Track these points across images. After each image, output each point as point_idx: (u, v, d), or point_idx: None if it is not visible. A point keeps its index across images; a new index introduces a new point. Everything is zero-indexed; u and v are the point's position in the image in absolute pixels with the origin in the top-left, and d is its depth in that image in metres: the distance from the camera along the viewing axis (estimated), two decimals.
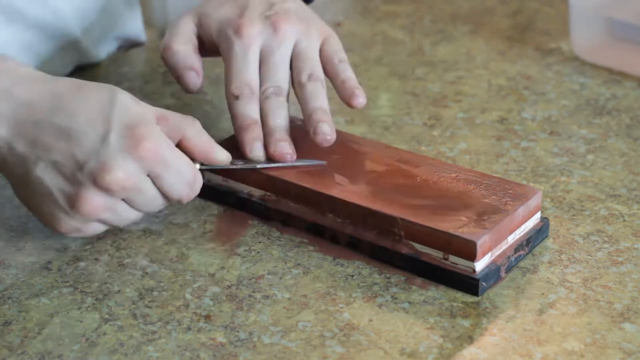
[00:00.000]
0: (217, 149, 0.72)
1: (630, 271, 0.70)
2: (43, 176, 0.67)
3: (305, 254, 0.72)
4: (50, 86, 0.68)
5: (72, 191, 0.66)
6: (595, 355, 0.63)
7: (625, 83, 0.96)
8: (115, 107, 0.67)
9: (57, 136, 0.66)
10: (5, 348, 0.64)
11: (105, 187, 0.66)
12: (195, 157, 0.71)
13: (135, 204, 0.69)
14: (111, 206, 0.67)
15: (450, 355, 0.63)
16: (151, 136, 0.67)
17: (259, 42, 0.76)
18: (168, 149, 0.68)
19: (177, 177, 0.68)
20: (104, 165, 0.66)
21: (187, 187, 0.69)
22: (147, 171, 0.67)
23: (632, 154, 0.84)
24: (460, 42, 1.06)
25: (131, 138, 0.66)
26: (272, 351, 0.63)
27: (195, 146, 0.70)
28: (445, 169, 0.74)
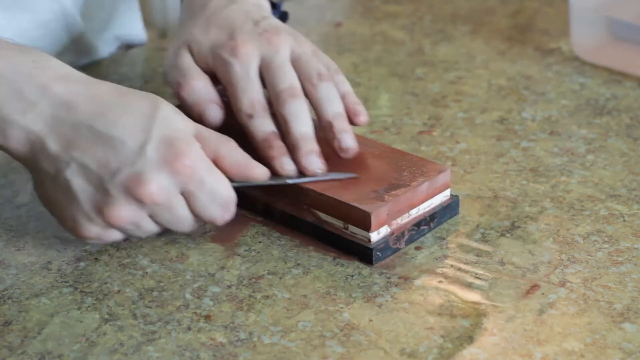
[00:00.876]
0: (254, 165, 0.70)
1: (630, 271, 0.70)
2: (72, 179, 0.66)
3: (305, 254, 0.72)
4: (92, 89, 0.67)
5: (101, 198, 0.66)
6: (595, 355, 0.63)
7: (625, 83, 0.96)
8: (157, 118, 0.66)
9: (94, 141, 0.66)
10: (5, 348, 0.64)
11: (136, 199, 0.65)
12: (232, 174, 0.69)
13: (162, 220, 0.68)
14: (137, 219, 0.67)
15: (450, 355, 0.63)
16: (189, 153, 0.66)
17: (257, 58, 0.75)
18: (205, 167, 0.67)
19: (211, 197, 0.67)
20: (138, 176, 0.65)
21: (221, 209, 0.68)
22: (181, 188, 0.66)
23: (632, 154, 0.84)
24: (460, 42, 1.06)
25: (169, 152, 0.65)
26: (272, 351, 0.63)
27: (231, 164, 0.69)
28: (368, 146, 0.76)
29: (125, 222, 0.67)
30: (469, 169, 0.82)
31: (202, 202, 0.67)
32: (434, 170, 0.74)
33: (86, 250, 0.73)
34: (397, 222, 0.72)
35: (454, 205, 0.76)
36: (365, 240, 0.71)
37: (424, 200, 0.73)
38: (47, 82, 0.67)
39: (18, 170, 0.81)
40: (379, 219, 0.70)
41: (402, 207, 0.72)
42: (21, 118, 0.66)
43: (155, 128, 0.66)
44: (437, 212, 0.74)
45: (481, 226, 0.75)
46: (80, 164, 0.66)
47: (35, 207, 0.77)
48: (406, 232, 0.72)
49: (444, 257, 0.72)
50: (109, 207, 0.66)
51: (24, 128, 0.66)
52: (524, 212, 0.77)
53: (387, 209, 0.71)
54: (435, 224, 0.74)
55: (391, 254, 0.71)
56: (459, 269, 0.70)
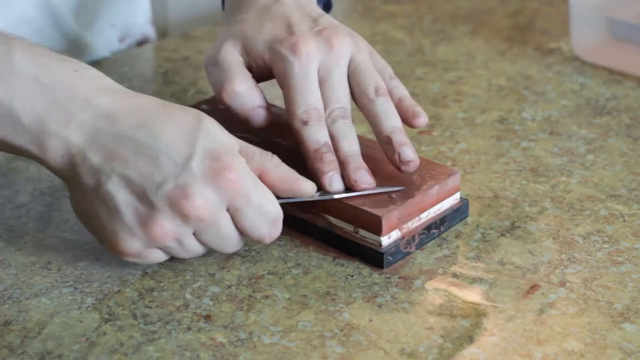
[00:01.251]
0: (302, 179, 0.69)
1: (630, 271, 0.70)
2: (115, 191, 0.64)
3: (305, 254, 0.72)
4: (134, 101, 0.66)
5: (145, 211, 0.64)
6: (595, 355, 0.63)
7: (625, 83, 0.96)
8: (201, 132, 0.65)
9: (137, 153, 0.64)
10: (5, 348, 0.64)
11: (181, 213, 0.64)
12: (278, 190, 0.68)
13: (207, 238, 0.66)
14: (181, 235, 0.65)
15: (450, 355, 0.63)
16: (234, 167, 0.65)
17: (317, 60, 0.73)
18: (251, 182, 0.66)
19: (259, 213, 0.66)
20: (183, 190, 0.63)
21: (269, 225, 0.67)
22: (227, 203, 0.65)
23: (632, 154, 0.84)
24: (460, 42, 1.06)
25: (214, 166, 0.64)
26: (272, 351, 0.63)
27: (278, 180, 0.68)
28: (376, 149, 0.75)
29: (169, 237, 0.65)
30: (469, 169, 0.82)
31: (249, 219, 0.66)
32: (444, 173, 0.74)
33: (86, 250, 0.73)
34: (407, 226, 0.71)
35: (464, 209, 0.75)
36: (376, 244, 0.70)
37: (434, 204, 0.73)
38: (89, 93, 0.65)
39: (18, 170, 0.81)
40: (390, 223, 0.70)
41: (413, 211, 0.71)
42: (62, 129, 0.65)
43: (199, 141, 0.64)
44: (447, 215, 0.74)
45: (481, 226, 0.75)
46: (123, 176, 0.64)
47: (35, 207, 0.77)
48: (417, 236, 0.72)
49: (444, 257, 0.72)
50: (153, 220, 0.64)
51: (64, 139, 0.65)
52: (524, 212, 0.77)
53: (397, 213, 0.70)
54: (445, 227, 0.74)
55: (402, 258, 0.71)
56: (459, 268, 0.70)
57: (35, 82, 0.65)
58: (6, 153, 0.69)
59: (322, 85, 0.73)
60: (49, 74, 0.65)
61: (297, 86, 0.72)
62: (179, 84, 0.97)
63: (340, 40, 0.74)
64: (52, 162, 0.66)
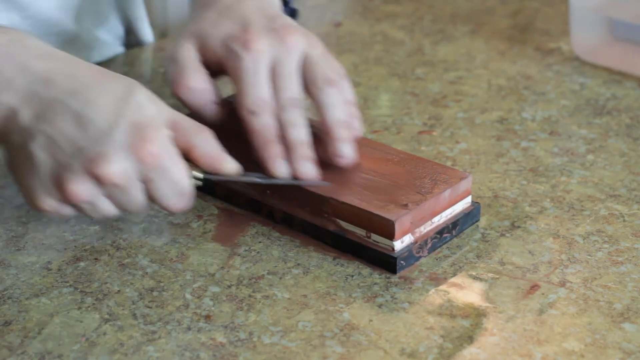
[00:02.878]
0: (225, 159, 0.70)
1: (630, 271, 0.70)
2: (37, 151, 0.66)
3: (305, 254, 0.72)
4: (72, 67, 0.68)
5: (62, 172, 0.66)
6: (595, 355, 0.63)
7: (625, 83, 0.96)
8: (130, 102, 0.67)
9: (65, 117, 0.66)
10: (5, 348, 0.64)
11: (97, 177, 0.66)
12: (202, 165, 0.69)
13: (118, 202, 0.68)
14: (94, 197, 0.67)
15: (450, 355, 0.63)
16: (156, 140, 0.66)
17: (269, 55, 0.74)
18: (169, 156, 0.67)
19: (170, 186, 0.68)
20: (102, 156, 0.65)
21: (178, 198, 0.68)
22: (141, 174, 0.67)
23: (632, 154, 0.84)
24: (460, 42, 1.06)
25: (136, 137, 0.66)
26: (272, 351, 0.63)
27: (202, 155, 0.69)
28: (385, 152, 0.76)
29: (81, 198, 0.67)
30: (469, 169, 0.82)
31: (160, 190, 0.68)
32: (456, 177, 0.73)
33: (86, 250, 0.73)
34: (419, 230, 0.71)
35: (475, 212, 0.75)
36: (389, 249, 0.70)
37: (446, 208, 0.72)
38: (26, 59, 0.67)
39: None
40: (403, 228, 0.69)
41: (425, 215, 0.71)
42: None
43: (126, 112, 0.66)
44: (459, 219, 0.73)
45: (481, 226, 0.75)
46: (48, 136, 0.66)
47: None
48: (429, 241, 0.71)
49: (444, 257, 0.72)
50: (68, 182, 0.66)
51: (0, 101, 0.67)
52: (524, 212, 0.77)
53: (410, 217, 0.70)
54: (457, 231, 0.73)
55: (414, 262, 0.71)
56: (459, 268, 0.70)
57: None
58: None
59: (274, 78, 0.75)
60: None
61: (246, 79, 0.74)
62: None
63: (293, 36, 0.75)
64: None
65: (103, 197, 0.67)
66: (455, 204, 0.73)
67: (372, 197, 0.71)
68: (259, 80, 0.74)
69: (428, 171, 0.74)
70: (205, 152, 0.69)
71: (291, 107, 0.73)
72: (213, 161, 0.70)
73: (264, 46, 0.74)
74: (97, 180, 0.66)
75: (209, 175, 0.70)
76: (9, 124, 0.67)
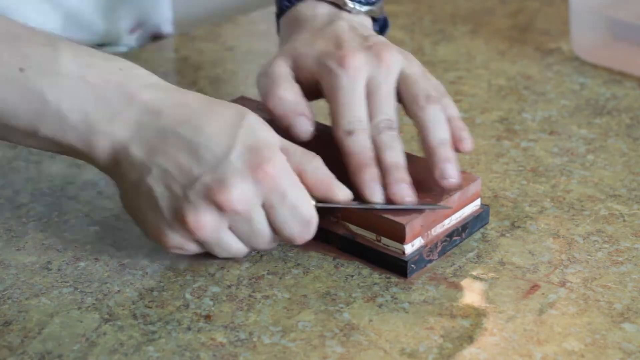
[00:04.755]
0: (337, 185, 0.68)
1: (630, 271, 0.70)
2: (154, 185, 0.65)
3: (305, 254, 0.72)
4: (178, 97, 0.67)
5: (181, 205, 0.65)
6: (595, 355, 0.63)
7: (625, 83, 0.96)
8: (242, 126, 0.65)
9: (179, 147, 0.65)
10: (5, 348, 0.64)
11: (217, 204, 0.64)
12: (314, 192, 0.68)
13: (242, 233, 0.67)
14: (217, 229, 0.66)
15: (450, 355, 0.63)
16: (273, 161, 0.65)
17: (365, 74, 0.72)
18: (288, 179, 0.66)
19: (292, 213, 0.66)
20: (220, 182, 0.64)
21: (301, 226, 0.67)
22: (263, 198, 0.65)
23: (632, 154, 0.84)
24: (460, 42, 1.06)
25: (253, 160, 0.65)
26: (272, 351, 0.63)
27: (314, 182, 0.67)
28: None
29: (205, 230, 0.66)
30: (469, 169, 0.82)
31: (282, 217, 0.66)
32: (465, 180, 0.72)
33: (86, 250, 0.73)
34: (430, 233, 0.70)
35: (485, 215, 0.74)
36: (399, 252, 0.69)
37: (455, 211, 0.72)
38: (134, 90, 0.66)
39: (18, 170, 0.81)
40: (413, 231, 0.69)
41: (435, 218, 0.70)
42: (107, 126, 0.65)
43: (240, 136, 0.65)
44: (469, 222, 0.73)
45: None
46: (163, 169, 0.65)
47: (35, 207, 0.77)
48: (439, 244, 0.71)
49: (444, 257, 0.72)
50: (188, 214, 0.65)
51: (109, 136, 0.66)
52: (524, 212, 0.77)
53: (421, 221, 0.69)
54: (467, 234, 0.73)
55: (425, 266, 0.70)
56: (459, 268, 0.70)
57: (82, 81, 0.65)
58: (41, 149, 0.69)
59: (369, 98, 0.72)
60: (95, 73, 0.66)
61: (343, 98, 0.72)
62: (179, 84, 0.96)
63: (389, 55, 0.74)
64: (99, 159, 0.67)
65: (227, 230, 0.66)
66: (465, 207, 0.73)
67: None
68: (356, 99, 0.72)
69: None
70: (317, 179, 0.68)
71: (387, 130, 0.71)
72: (325, 188, 0.68)
73: (360, 63, 0.72)
74: (218, 208, 0.65)
75: (320, 203, 0.68)
76: (122, 160, 0.66)
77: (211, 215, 0.65)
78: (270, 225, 0.67)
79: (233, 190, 0.64)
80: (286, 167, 0.66)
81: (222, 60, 1.02)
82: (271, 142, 0.66)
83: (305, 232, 0.68)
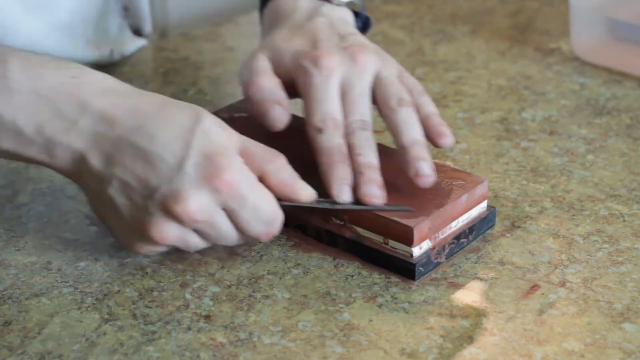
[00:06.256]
0: (300, 187, 0.68)
1: (630, 271, 0.70)
2: (116, 197, 0.65)
3: (305, 254, 0.72)
4: (133, 102, 0.66)
5: (142, 216, 0.65)
6: (595, 355, 0.63)
7: (625, 83, 0.96)
8: (197, 132, 0.65)
9: (134, 157, 0.65)
10: (5, 348, 0.64)
11: (175, 216, 0.64)
12: (276, 194, 0.67)
13: (207, 236, 0.67)
14: (182, 235, 0.66)
15: (450, 355, 0.63)
16: (230, 168, 0.64)
17: (339, 74, 0.73)
18: (247, 183, 0.65)
19: (255, 215, 0.66)
20: (176, 194, 0.64)
21: (266, 226, 0.67)
22: (222, 205, 0.65)
23: (632, 154, 0.84)
24: (460, 42, 1.06)
25: (209, 168, 0.64)
26: (272, 351, 0.63)
27: (277, 184, 0.67)
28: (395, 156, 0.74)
29: (168, 240, 0.65)
30: (469, 169, 0.82)
31: (245, 220, 0.66)
32: (472, 181, 0.72)
33: (86, 250, 0.73)
34: (437, 235, 0.70)
35: (491, 217, 0.74)
36: (407, 255, 0.69)
37: (463, 213, 0.72)
38: (87, 98, 0.66)
39: (18, 171, 0.81)
40: (421, 234, 0.69)
41: (443, 221, 0.70)
42: (64, 137, 0.65)
43: (194, 143, 0.64)
44: (476, 224, 0.73)
45: None
46: (121, 181, 0.65)
47: (35, 207, 0.77)
48: (447, 246, 0.70)
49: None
50: (151, 226, 0.65)
51: (67, 147, 0.66)
52: (524, 212, 0.77)
53: (428, 223, 0.69)
54: (474, 236, 0.73)
55: (432, 268, 0.70)
56: (458, 268, 0.70)
57: (34, 95, 0.65)
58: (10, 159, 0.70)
59: (343, 99, 0.73)
60: (47, 85, 0.66)
61: (315, 95, 0.72)
62: (179, 84, 0.97)
63: (365, 56, 0.74)
64: (62, 169, 0.67)
65: (192, 233, 0.66)
66: (472, 209, 0.72)
67: (389, 203, 0.70)
68: (328, 97, 0.72)
69: (443, 176, 0.73)
70: (279, 181, 0.67)
71: (360, 130, 0.71)
72: (288, 190, 0.68)
73: (334, 63, 0.73)
74: (177, 219, 0.64)
75: (283, 202, 0.68)
76: (82, 169, 0.66)
77: (172, 225, 0.65)
78: (235, 226, 0.67)
79: (190, 201, 0.64)
80: (244, 171, 0.65)
81: (222, 60, 1.02)
82: (227, 147, 0.65)
83: (270, 230, 0.67)
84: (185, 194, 0.64)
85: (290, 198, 0.68)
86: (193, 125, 0.65)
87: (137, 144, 0.65)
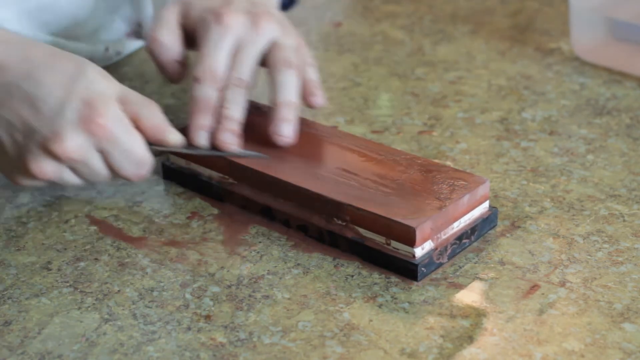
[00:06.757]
0: (169, 130, 0.73)
1: (630, 271, 0.70)
2: (2, 134, 0.70)
3: (305, 254, 0.72)
4: (25, 50, 0.71)
5: (24, 154, 0.70)
6: (595, 355, 0.63)
7: (625, 83, 0.96)
8: (80, 80, 0.70)
9: (22, 101, 0.70)
10: (5, 348, 0.64)
11: (54, 155, 0.69)
12: (148, 136, 0.73)
13: (81, 174, 0.72)
14: (58, 172, 0.71)
15: (450, 355, 0.63)
16: (105, 113, 0.69)
17: (236, 33, 0.77)
18: (120, 127, 0.70)
19: (126, 156, 0.71)
20: (55, 135, 0.69)
21: (135, 167, 0.72)
22: (96, 146, 0.70)
23: (632, 154, 0.84)
24: (460, 42, 1.06)
25: (86, 113, 0.69)
26: (272, 351, 0.63)
27: (148, 127, 0.72)
28: (399, 157, 0.75)
29: (46, 176, 0.71)
30: (469, 169, 0.82)
31: (117, 161, 0.71)
32: (473, 182, 0.72)
33: (86, 250, 0.73)
34: (439, 236, 0.70)
35: (493, 217, 0.74)
36: (409, 255, 0.69)
37: (465, 213, 0.72)
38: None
39: None
40: (423, 234, 0.68)
41: (445, 221, 0.70)
42: None
43: (76, 89, 0.70)
44: (478, 224, 0.73)
45: None
46: (7, 121, 0.70)
47: (35, 207, 0.77)
48: (449, 247, 0.70)
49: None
50: (30, 162, 0.70)
51: None
52: (524, 212, 0.77)
53: (431, 224, 0.69)
54: (476, 237, 0.73)
55: (435, 269, 0.70)
56: (458, 268, 0.70)
57: None
58: None
59: (233, 58, 0.77)
60: None
61: (205, 49, 0.76)
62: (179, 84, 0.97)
63: (265, 22, 0.78)
64: None
65: (68, 170, 0.71)
66: (474, 210, 0.72)
67: (391, 203, 0.70)
68: (217, 53, 0.76)
69: (444, 176, 0.73)
70: (152, 124, 0.73)
71: (234, 86, 0.76)
72: (158, 132, 0.73)
73: (234, 23, 0.77)
74: (55, 157, 0.69)
75: (154, 146, 0.73)
76: None
77: (50, 163, 0.70)
78: (108, 167, 0.72)
79: (67, 142, 0.69)
80: (119, 117, 0.71)
81: None
82: (107, 93, 0.71)
83: (140, 171, 0.73)
84: (64, 135, 0.69)
85: (159, 140, 0.73)
86: (77, 73, 0.70)
87: (25, 88, 0.70)
